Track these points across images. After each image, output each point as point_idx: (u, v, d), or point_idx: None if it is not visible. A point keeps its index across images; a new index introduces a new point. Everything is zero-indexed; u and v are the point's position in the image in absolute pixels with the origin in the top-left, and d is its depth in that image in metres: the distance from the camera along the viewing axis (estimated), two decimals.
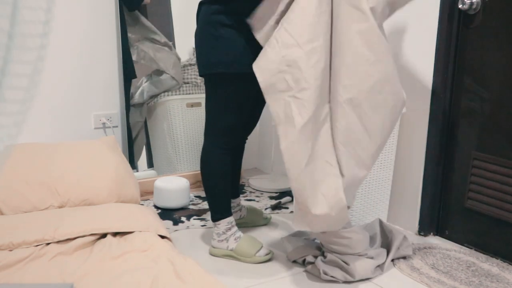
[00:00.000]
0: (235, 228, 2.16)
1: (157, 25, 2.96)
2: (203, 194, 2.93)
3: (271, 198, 2.92)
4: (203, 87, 2.24)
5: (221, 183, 2.12)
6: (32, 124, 2.52)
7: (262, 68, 1.79)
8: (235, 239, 2.14)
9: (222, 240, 2.14)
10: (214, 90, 2.03)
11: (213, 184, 2.12)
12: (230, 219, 2.15)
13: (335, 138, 1.82)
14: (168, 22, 2.99)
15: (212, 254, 2.18)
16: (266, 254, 2.14)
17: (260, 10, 1.87)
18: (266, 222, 2.53)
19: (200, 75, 2.05)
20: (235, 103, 2.02)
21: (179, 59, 3.01)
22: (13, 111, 1.16)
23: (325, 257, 2.03)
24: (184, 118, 3.02)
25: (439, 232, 2.46)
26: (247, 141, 2.35)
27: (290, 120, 1.75)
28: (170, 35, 2.99)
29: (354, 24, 1.75)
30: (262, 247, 2.15)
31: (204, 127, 2.12)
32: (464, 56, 2.28)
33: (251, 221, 2.46)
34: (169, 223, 2.51)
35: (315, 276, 2.01)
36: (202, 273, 1.66)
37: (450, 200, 2.40)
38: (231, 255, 2.14)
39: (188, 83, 3.04)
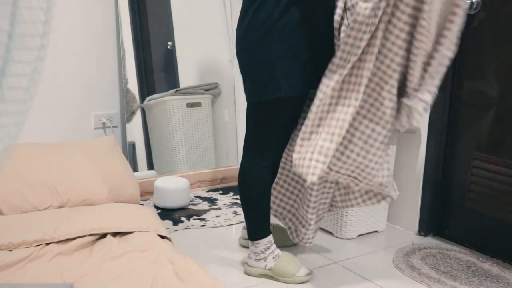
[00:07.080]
0: (274, 246, 2.01)
1: (157, 25, 2.96)
2: (203, 194, 2.93)
3: None
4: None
5: (262, 200, 1.98)
6: (32, 124, 2.52)
7: None
8: (273, 257, 1.99)
9: (260, 259, 1.99)
10: (258, 110, 1.89)
11: (253, 201, 1.98)
12: (270, 237, 2.00)
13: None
14: (168, 22, 2.99)
15: (247, 273, 2.03)
16: (307, 274, 1.99)
17: None
18: (294, 243, 2.25)
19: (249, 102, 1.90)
20: (280, 121, 1.89)
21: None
22: (13, 111, 1.16)
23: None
24: (184, 118, 3.02)
25: (439, 232, 2.46)
26: None
27: None
28: (170, 35, 2.99)
29: None
30: (301, 265, 2.01)
31: (244, 141, 1.97)
32: (464, 56, 2.27)
33: (277, 242, 2.12)
34: (169, 223, 2.51)
35: None
36: (202, 273, 1.66)
37: (450, 200, 2.40)
38: (269, 275, 2.00)
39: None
